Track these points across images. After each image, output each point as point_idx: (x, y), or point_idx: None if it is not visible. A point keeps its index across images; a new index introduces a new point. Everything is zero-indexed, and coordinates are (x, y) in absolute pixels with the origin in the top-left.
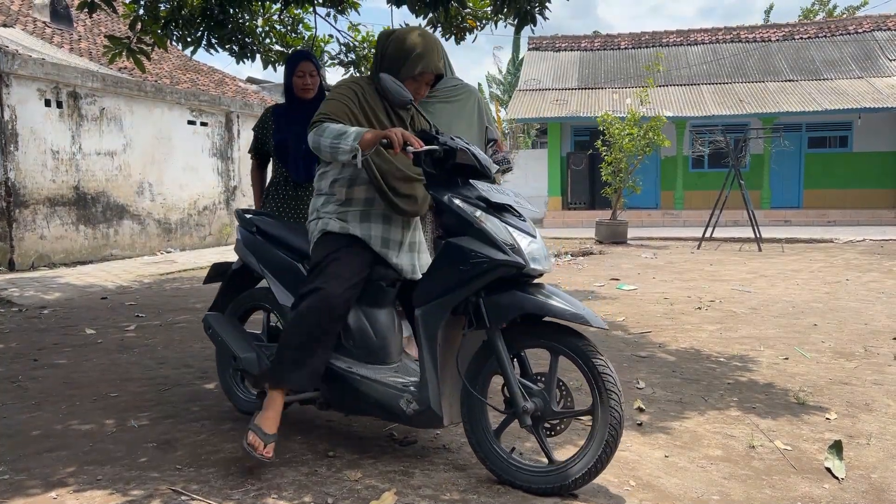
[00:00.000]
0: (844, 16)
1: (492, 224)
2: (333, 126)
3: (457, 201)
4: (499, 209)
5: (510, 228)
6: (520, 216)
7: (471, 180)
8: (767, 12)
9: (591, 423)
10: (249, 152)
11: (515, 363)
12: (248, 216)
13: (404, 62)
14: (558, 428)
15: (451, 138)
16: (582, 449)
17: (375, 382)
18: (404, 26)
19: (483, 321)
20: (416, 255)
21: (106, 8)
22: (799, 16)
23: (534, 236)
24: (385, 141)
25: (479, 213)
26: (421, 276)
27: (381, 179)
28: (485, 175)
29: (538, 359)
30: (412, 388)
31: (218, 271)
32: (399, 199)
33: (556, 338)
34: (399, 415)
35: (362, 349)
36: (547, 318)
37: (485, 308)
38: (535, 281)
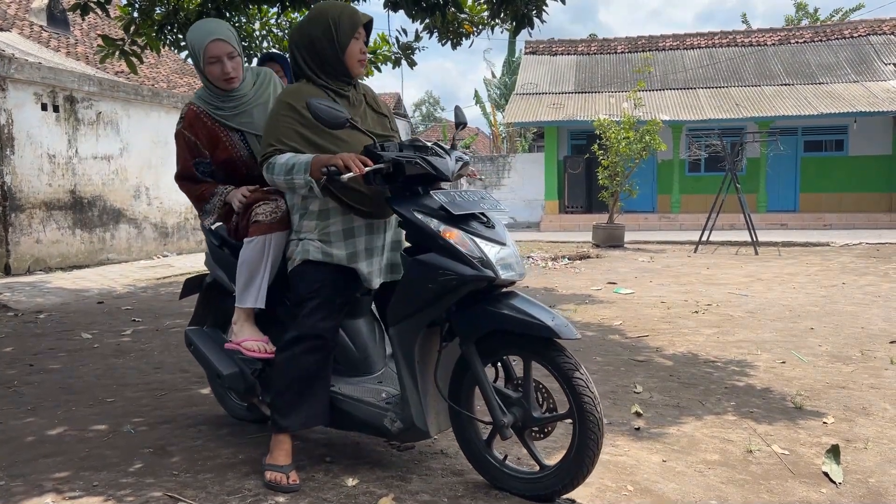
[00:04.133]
0: (835, 20)
1: (457, 237)
2: (281, 161)
3: (419, 215)
4: (464, 218)
5: (477, 239)
6: (487, 222)
7: (431, 191)
8: (744, 20)
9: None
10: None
11: (500, 368)
12: (214, 227)
13: (337, 30)
14: (546, 430)
15: (400, 148)
16: (567, 454)
17: (359, 402)
18: (402, 31)
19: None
20: (398, 254)
21: (98, 11)
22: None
23: (503, 243)
24: (332, 169)
25: (442, 226)
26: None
27: (344, 194)
28: (445, 179)
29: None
30: (395, 406)
31: (192, 285)
32: (367, 205)
33: (528, 346)
34: (385, 432)
35: (344, 363)
36: None
37: (456, 324)
38: (509, 289)
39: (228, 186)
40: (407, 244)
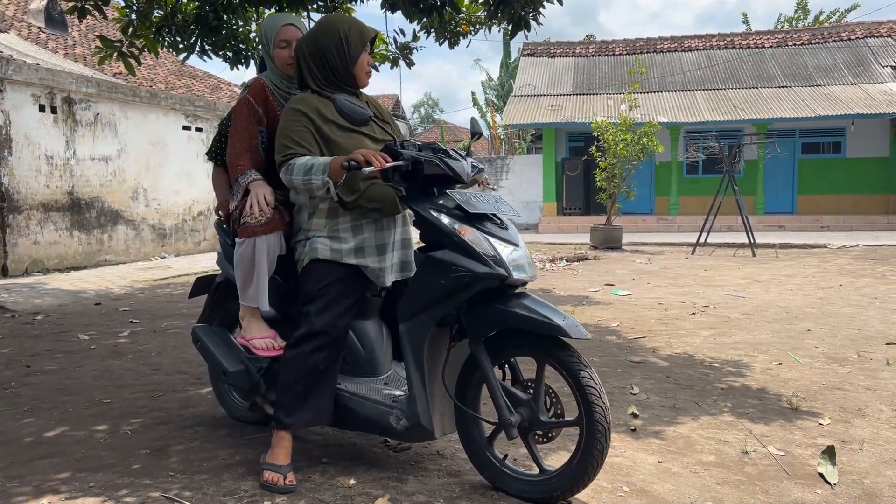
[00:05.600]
0: (832, 21)
1: (472, 235)
2: (300, 162)
3: (434, 213)
4: (479, 218)
5: (491, 238)
6: (501, 223)
7: (447, 190)
8: (745, 21)
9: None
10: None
11: (507, 369)
12: (226, 226)
13: (348, 42)
14: (550, 434)
15: (419, 148)
16: (570, 459)
17: (365, 399)
18: (399, 32)
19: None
20: (409, 252)
21: (96, 13)
22: (781, 23)
23: (516, 244)
24: (353, 163)
25: (457, 224)
26: (414, 272)
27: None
28: (460, 181)
29: (530, 363)
30: (402, 404)
31: (202, 285)
32: (371, 203)
33: (540, 347)
34: (390, 431)
35: (351, 363)
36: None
37: (466, 322)
38: (520, 290)
39: (255, 174)
40: (417, 240)
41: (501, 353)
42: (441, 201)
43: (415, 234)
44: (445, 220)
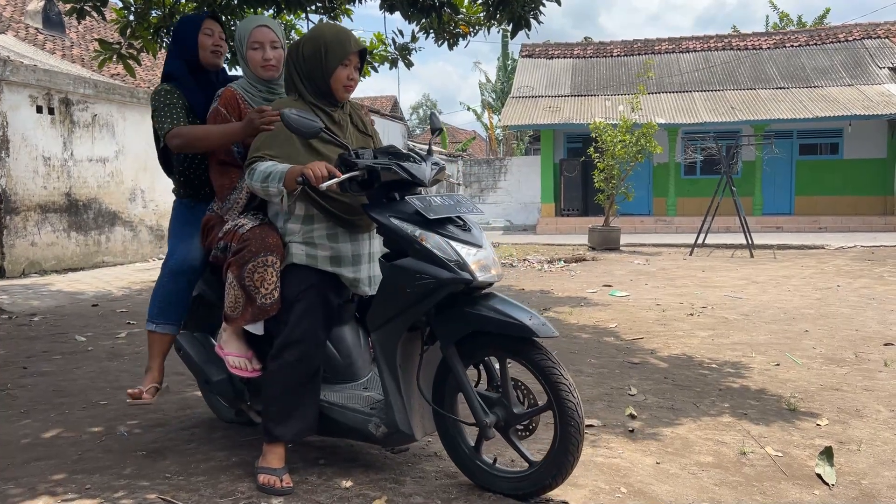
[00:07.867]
0: (815, 26)
1: (433, 242)
2: (262, 167)
3: (395, 221)
4: (440, 222)
5: (453, 243)
6: (464, 225)
7: (406, 196)
8: (735, 31)
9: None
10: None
11: (482, 370)
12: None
13: (325, 54)
14: (531, 427)
15: (375, 156)
16: (552, 446)
17: (344, 409)
18: (398, 32)
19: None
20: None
21: (95, 15)
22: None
23: (479, 245)
24: (301, 179)
25: (418, 231)
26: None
27: (323, 200)
28: (420, 184)
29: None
30: (380, 411)
31: None
32: (349, 214)
33: (506, 345)
34: (371, 438)
35: (330, 371)
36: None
37: (435, 328)
38: (487, 290)
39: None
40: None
41: (474, 355)
42: (401, 208)
43: None
44: (406, 227)
